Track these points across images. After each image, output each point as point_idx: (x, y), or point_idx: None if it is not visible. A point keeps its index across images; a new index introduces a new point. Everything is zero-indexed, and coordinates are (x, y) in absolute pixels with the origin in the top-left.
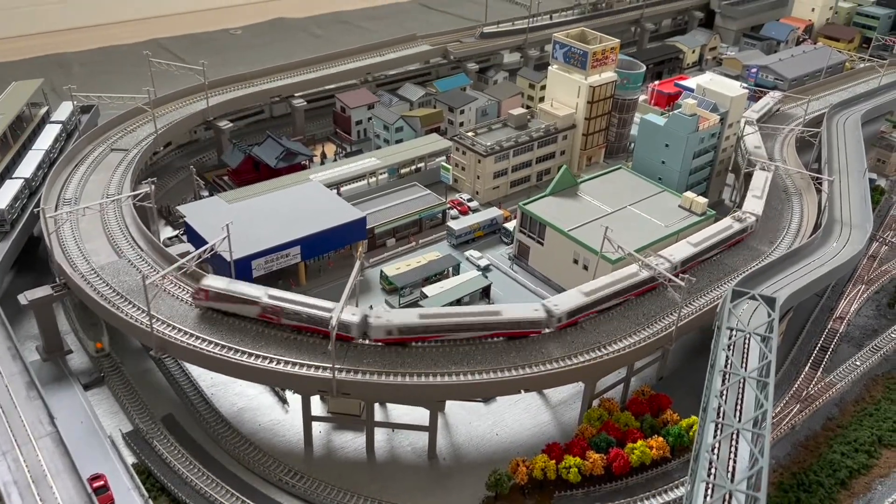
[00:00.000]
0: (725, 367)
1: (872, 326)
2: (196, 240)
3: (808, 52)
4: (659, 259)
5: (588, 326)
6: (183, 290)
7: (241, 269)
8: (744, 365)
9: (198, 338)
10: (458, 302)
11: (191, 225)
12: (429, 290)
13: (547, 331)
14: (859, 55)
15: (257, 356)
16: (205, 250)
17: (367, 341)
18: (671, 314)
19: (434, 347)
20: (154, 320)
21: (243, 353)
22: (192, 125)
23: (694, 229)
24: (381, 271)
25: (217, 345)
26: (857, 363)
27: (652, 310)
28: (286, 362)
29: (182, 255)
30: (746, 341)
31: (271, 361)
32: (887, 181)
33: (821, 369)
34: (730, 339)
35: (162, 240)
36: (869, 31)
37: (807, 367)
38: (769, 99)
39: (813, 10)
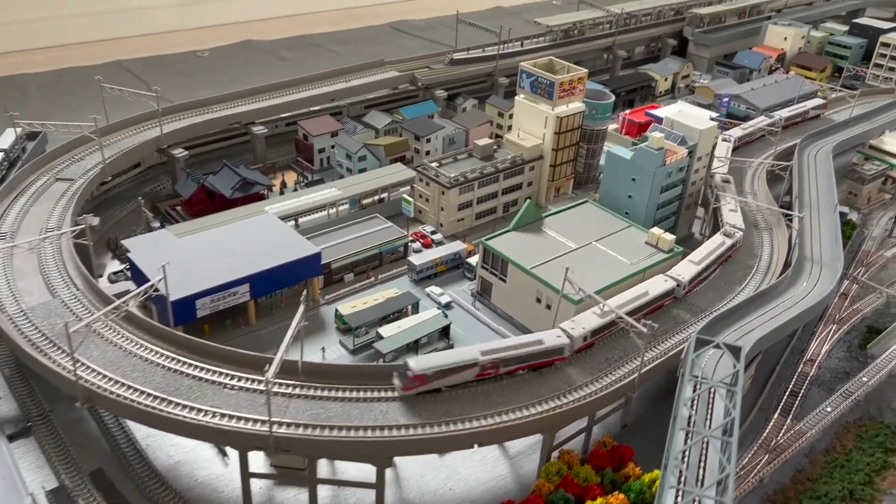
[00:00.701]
0: (688, 424)
1: (844, 369)
2: (139, 277)
3: (780, 81)
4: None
5: (547, 372)
6: (118, 334)
7: (184, 310)
8: (707, 421)
9: (129, 388)
10: (416, 343)
11: (133, 261)
12: (385, 330)
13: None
14: (830, 85)
15: (192, 409)
16: (142, 291)
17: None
18: (635, 359)
19: (382, 398)
20: (82, 367)
21: (177, 404)
22: (144, 153)
23: (660, 267)
24: (336, 310)
25: (149, 395)
26: (828, 409)
27: (615, 354)
28: (222, 415)
29: (121, 295)
30: (711, 393)
31: (206, 414)
32: (859, 214)
33: (790, 416)
34: (694, 391)
35: (108, 275)
36: (841, 60)
37: (776, 414)
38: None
39: (785, 38)
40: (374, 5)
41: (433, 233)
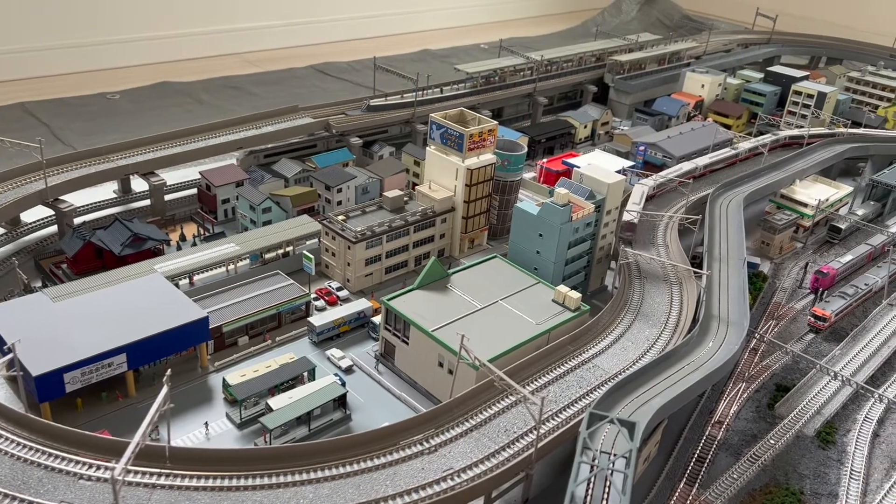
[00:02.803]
0: None
1: (752, 431)
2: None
3: (697, 129)
4: None
5: (433, 444)
6: None
7: (50, 385)
8: (604, 502)
9: None
10: (309, 415)
11: None
12: (275, 401)
13: None
14: (740, 134)
15: None
16: None
17: None
18: (533, 432)
19: (259, 486)
20: None
21: (21, 502)
22: (27, 207)
23: (566, 327)
24: (224, 379)
25: None
26: (735, 476)
27: (515, 425)
28: None
29: None
30: (608, 474)
31: None
32: (771, 265)
33: (697, 485)
34: (590, 471)
35: None
36: (756, 107)
37: (682, 483)
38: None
39: (703, 86)
40: (297, 47)
41: (339, 289)
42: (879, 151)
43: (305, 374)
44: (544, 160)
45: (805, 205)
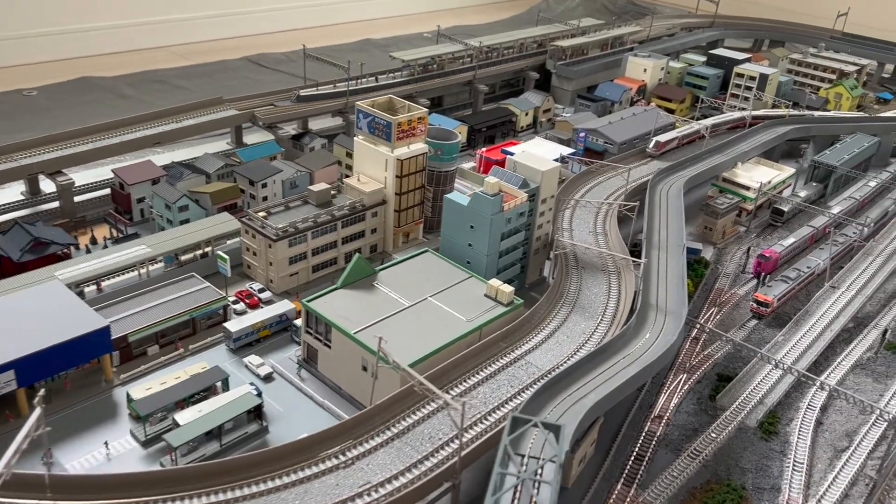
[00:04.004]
0: None
1: (693, 425)
2: None
3: (638, 114)
4: None
5: (350, 456)
6: None
7: None
8: None
9: None
10: (220, 429)
11: None
12: (183, 416)
13: None
14: (683, 118)
15: None
16: None
17: None
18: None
19: None
20: None
21: None
22: None
23: (499, 322)
24: (128, 393)
25: None
26: (675, 474)
27: (441, 431)
28: None
29: None
30: (533, 482)
31: None
32: (714, 250)
33: (635, 485)
34: (515, 479)
35: None
36: (699, 90)
37: (619, 484)
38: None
39: (645, 70)
40: (231, 38)
41: (262, 291)
42: (821, 132)
43: (219, 384)
44: (483, 149)
45: (747, 188)
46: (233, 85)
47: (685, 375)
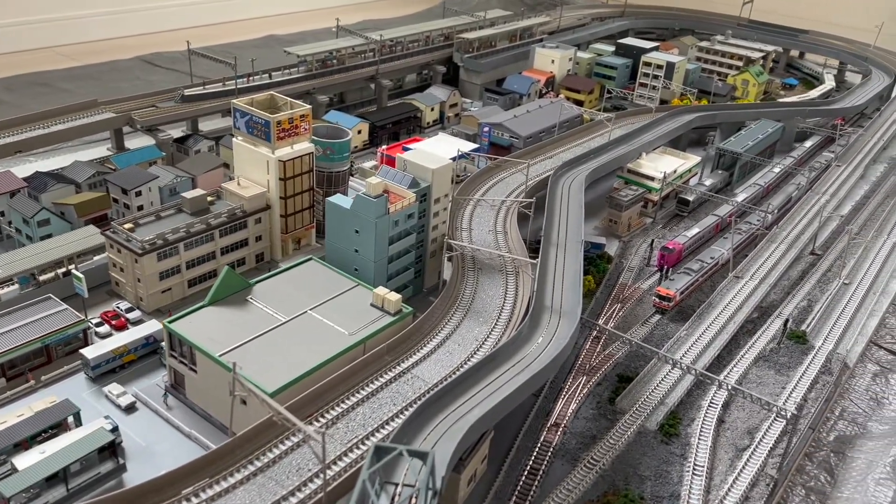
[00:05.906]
0: None
1: (591, 431)
2: None
3: (544, 106)
4: None
5: (205, 497)
6: None
7: None
8: None
9: None
10: (66, 472)
11: None
12: (21, 459)
13: None
14: (592, 110)
15: None
16: None
17: None
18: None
19: None
20: None
21: None
22: None
23: (385, 334)
24: None
25: None
26: (570, 487)
27: (311, 461)
28: None
29: None
30: None
31: None
32: (620, 243)
33: (528, 502)
34: None
35: None
36: (609, 81)
37: (511, 502)
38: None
39: (553, 61)
40: (125, 37)
41: (130, 310)
42: (727, 119)
43: (71, 419)
44: (384, 147)
45: (652, 178)
46: (122, 86)
47: (584, 378)
